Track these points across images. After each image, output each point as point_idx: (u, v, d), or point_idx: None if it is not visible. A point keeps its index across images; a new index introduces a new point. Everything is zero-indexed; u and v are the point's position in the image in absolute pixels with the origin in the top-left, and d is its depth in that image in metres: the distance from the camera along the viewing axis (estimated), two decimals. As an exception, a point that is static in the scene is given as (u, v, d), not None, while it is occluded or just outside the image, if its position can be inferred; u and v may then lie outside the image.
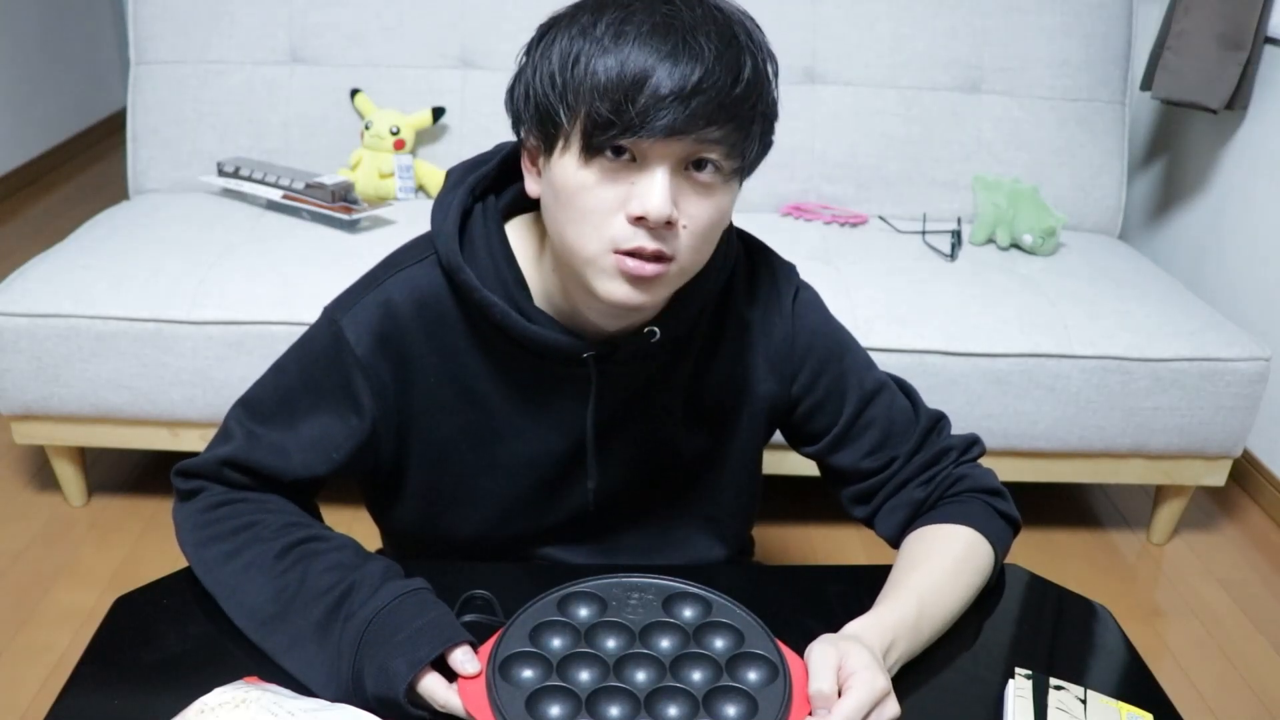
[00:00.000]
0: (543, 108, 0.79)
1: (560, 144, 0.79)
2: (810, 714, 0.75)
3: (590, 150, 0.76)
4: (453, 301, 0.89)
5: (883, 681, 0.75)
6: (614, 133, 0.75)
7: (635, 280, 0.79)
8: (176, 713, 0.72)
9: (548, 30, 0.79)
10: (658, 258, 0.78)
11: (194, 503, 0.91)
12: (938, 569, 0.90)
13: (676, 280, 0.82)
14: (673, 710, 0.73)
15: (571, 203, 0.79)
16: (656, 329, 0.88)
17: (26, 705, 1.56)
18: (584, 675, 0.76)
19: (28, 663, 1.64)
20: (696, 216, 0.79)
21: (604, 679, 0.75)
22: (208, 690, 0.74)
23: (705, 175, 0.78)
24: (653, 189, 0.76)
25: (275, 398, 0.92)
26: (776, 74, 0.81)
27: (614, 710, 0.73)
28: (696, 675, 0.76)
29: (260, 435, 0.91)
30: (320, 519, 0.95)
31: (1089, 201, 2.34)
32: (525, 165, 0.86)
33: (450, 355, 0.90)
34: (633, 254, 0.78)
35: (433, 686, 0.76)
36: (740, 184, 0.84)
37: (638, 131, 0.74)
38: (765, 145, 0.82)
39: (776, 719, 0.72)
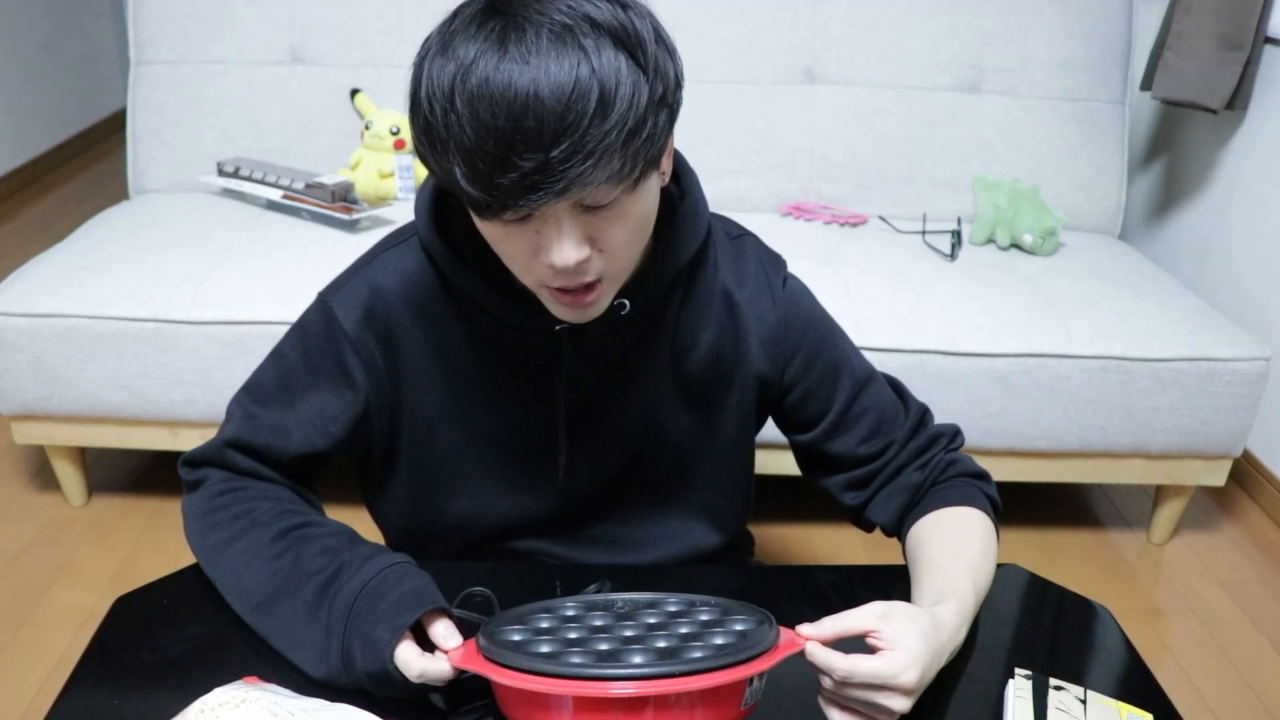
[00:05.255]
0: (432, 170, 0.77)
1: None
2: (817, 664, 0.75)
3: (483, 217, 0.76)
4: (434, 278, 0.92)
5: (911, 678, 0.74)
6: (491, 212, 0.74)
7: (573, 306, 0.81)
8: (176, 713, 0.72)
9: (418, 78, 0.74)
10: (586, 286, 0.79)
11: (198, 493, 0.94)
12: (978, 556, 0.91)
13: (616, 283, 0.83)
14: (662, 643, 0.74)
15: (494, 246, 0.81)
16: (626, 301, 0.89)
17: (26, 705, 1.56)
18: (572, 634, 0.76)
19: (28, 663, 1.64)
20: (612, 238, 0.78)
21: (592, 634, 0.76)
22: (208, 690, 0.74)
23: (605, 204, 0.75)
24: (555, 244, 0.75)
25: (274, 380, 0.95)
26: (652, 34, 0.73)
27: (604, 645, 0.74)
28: (684, 629, 0.77)
29: (261, 416, 0.94)
30: (319, 506, 0.97)
31: (1089, 201, 2.34)
32: None
33: (434, 330, 0.93)
34: (562, 290, 0.80)
35: (407, 656, 0.77)
36: (658, 168, 0.79)
37: (515, 207, 0.72)
38: (660, 125, 0.74)
39: (764, 643, 0.72)
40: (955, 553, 0.91)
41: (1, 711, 1.55)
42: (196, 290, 1.82)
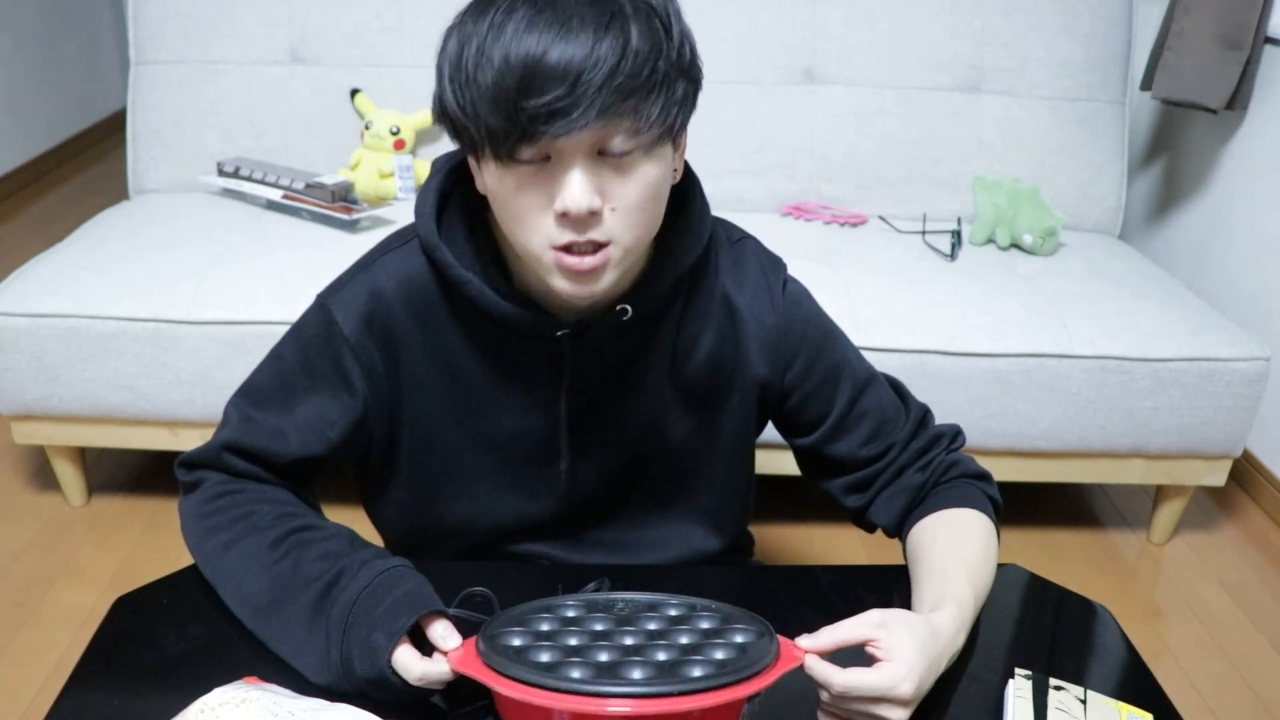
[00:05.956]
0: (453, 123, 0.80)
1: (479, 153, 0.80)
2: (811, 667, 0.75)
3: (501, 158, 0.78)
4: (435, 281, 0.91)
5: (909, 689, 0.74)
6: (512, 142, 0.76)
7: (577, 274, 0.81)
8: (176, 713, 0.72)
9: (447, 40, 0.79)
10: (595, 247, 0.79)
11: (195, 494, 0.93)
12: (979, 558, 0.91)
13: (622, 262, 0.83)
14: (662, 655, 0.74)
15: (505, 206, 0.81)
16: (629, 306, 0.89)
17: (26, 705, 1.56)
18: (572, 641, 0.76)
19: (28, 663, 1.64)
20: (623, 195, 0.79)
21: (592, 641, 0.76)
22: (208, 690, 0.74)
23: (621, 155, 0.78)
24: (569, 185, 0.77)
25: (272, 383, 0.94)
26: (677, 13, 0.81)
27: (603, 656, 0.74)
28: (684, 639, 0.77)
29: (258, 419, 0.93)
30: (318, 507, 0.97)
31: (1089, 201, 2.34)
32: (471, 164, 0.87)
33: (434, 334, 0.93)
34: (569, 248, 0.79)
35: (406, 659, 0.77)
36: (674, 147, 0.83)
37: (536, 136, 0.75)
38: (683, 101, 0.81)
39: (763, 660, 0.72)
40: (954, 555, 0.91)
41: (1, 711, 1.55)
42: (196, 290, 1.82)
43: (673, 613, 0.80)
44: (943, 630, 0.80)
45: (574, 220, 0.78)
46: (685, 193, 0.92)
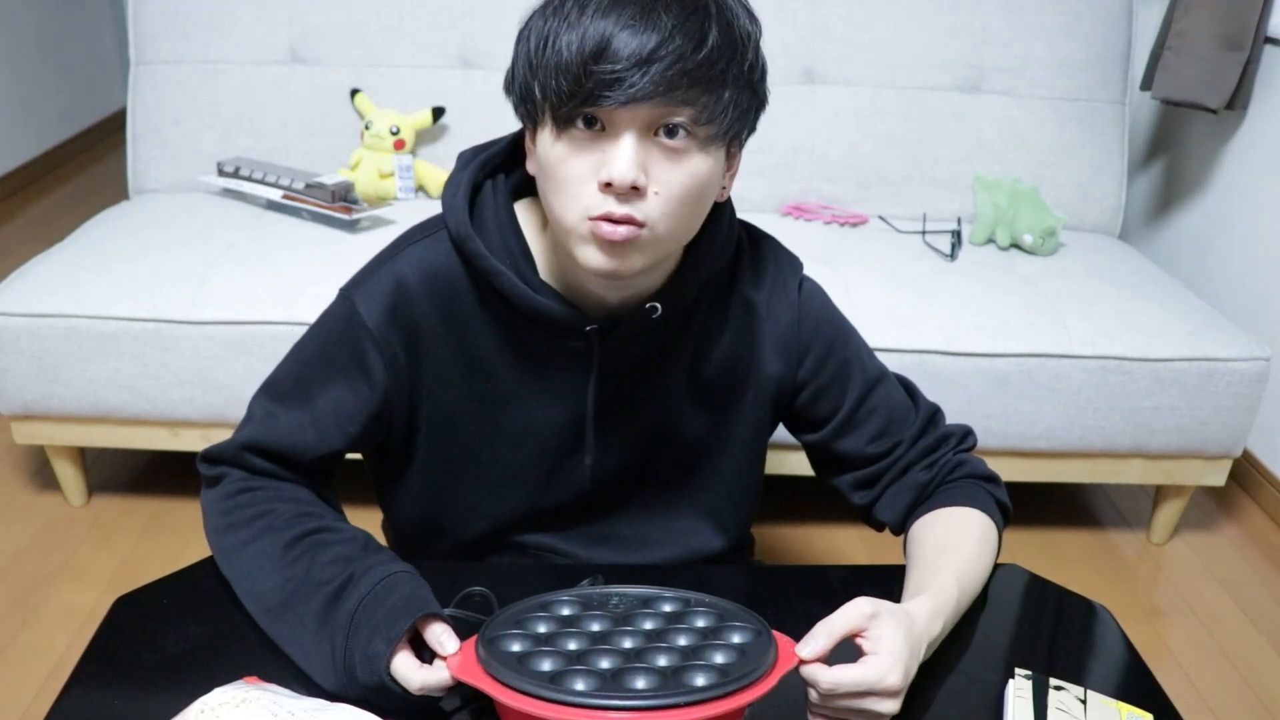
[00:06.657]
0: (522, 88, 0.82)
1: (539, 120, 0.82)
2: (807, 663, 0.75)
3: (560, 123, 0.79)
4: (462, 273, 0.91)
5: (896, 680, 0.75)
6: (575, 103, 0.77)
7: (607, 245, 0.81)
8: (176, 713, 0.72)
9: (531, 15, 0.82)
10: (628, 221, 0.80)
11: (217, 489, 0.93)
12: (969, 553, 0.92)
13: (653, 248, 0.83)
14: (663, 660, 0.74)
15: (552, 174, 0.82)
16: (658, 304, 0.89)
17: (26, 705, 1.56)
18: (571, 645, 0.76)
19: (28, 663, 1.64)
20: (668, 182, 0.80)
21: (591, 644, 0.76)
22: (208, 690, 0.74)
23: (676, 140, 0.79)
24: (618, 155, 0.78)
25: (293, 376, 0.95)
26: (756, 44, 0.83)
27: (605, 663, 0.74)
28: (682, 640, 0.77)
29: (278, 415, 0.93)
30: (338, 505, 0.97)
31: (1089, 201, 2.34)
32: (526, 146, 0.89)
33: (458, 326, 0.93)
34: (605, 218, 0.80)
35: (406, 669, 0.76)
36: (727, 154, 0.85)
37: (597, 100, 0.76)
38: (745, 112, 0.83)
39: (764, 664, 0.73)
40: (944, 550, 0.92)
41: (1, 711, 1.55)
42: (196, 290, 1.82)
43: (668, 608, 0.81)
44: (916, 617, 0.81)
45: (616, 193, 0.79)
46: (718, 204, 0.93)
